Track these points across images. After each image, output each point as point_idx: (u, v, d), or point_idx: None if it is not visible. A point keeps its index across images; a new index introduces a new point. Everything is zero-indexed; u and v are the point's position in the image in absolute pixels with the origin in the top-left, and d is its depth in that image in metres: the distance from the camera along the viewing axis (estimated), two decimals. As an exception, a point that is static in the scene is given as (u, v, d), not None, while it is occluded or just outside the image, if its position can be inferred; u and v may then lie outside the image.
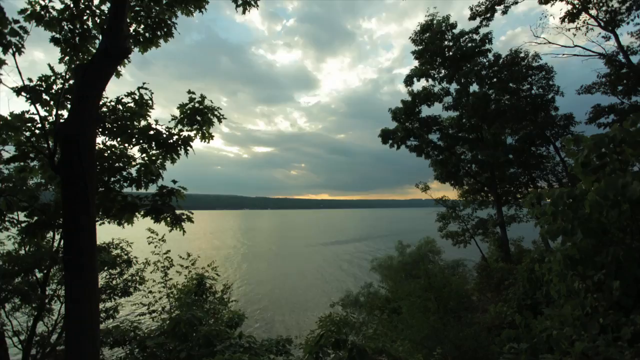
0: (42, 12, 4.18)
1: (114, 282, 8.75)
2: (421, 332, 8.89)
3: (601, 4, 14.07)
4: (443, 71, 18.70)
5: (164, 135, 5.09)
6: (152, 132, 5.07)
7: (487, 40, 17.72)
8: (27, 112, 4.42)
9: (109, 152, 5.04)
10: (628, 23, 14.01)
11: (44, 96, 4.50)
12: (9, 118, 4.29)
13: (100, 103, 4.30)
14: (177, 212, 4.91)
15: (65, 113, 4.39)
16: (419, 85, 19.10)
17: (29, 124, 4.45)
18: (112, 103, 5.03)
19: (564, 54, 15.88)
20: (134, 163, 5.10)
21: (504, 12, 16.10)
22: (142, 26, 4.74)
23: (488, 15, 16.19)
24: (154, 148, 5.13)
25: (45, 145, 4.12)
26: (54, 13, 4.23)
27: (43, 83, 4.47)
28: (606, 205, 3.28)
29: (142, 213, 4.78)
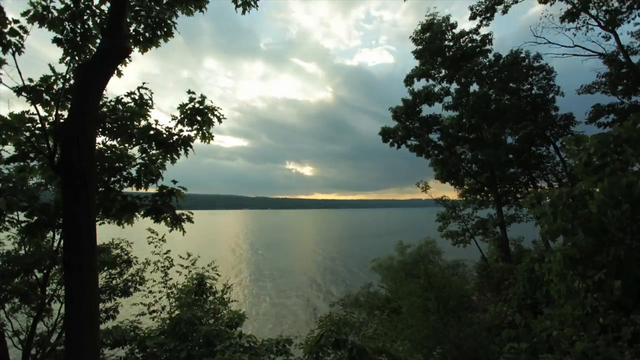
0: (45, 13, 4.18)
1: (114, 282, 8.74)
2: (421, 332, 8.88)
3: (601, 4, 14.06)
4: (443, 71, 18.71)
5: (164, 135, 5.08)
6: (152, 132, 5.07)
7: (487, 41, 17.74)
8: (27, 112, 4.42)
9: (109, 152, 5.04)
10: (628, 22, 14.02)
11: (44, 96, 4.50)
12: (9, 118, 4.29)
13: (100, 103, 4.31)
14: (177, 212, 4.91)
15: (65, 113, 4.38)
16: (419, 84, 19.15)
17: (29, 124, 4.45)
18: (112, 103, 5.03)
19: (563, 54, 15.89)
20: (134, 163, 5.10)
21: (504, 12, 16.10)
22: (142, 26, 4.73)
23: (488, 15, 16.20)
24: (154, 148, 5.13)
25: (45, 145, 4.11)
26: (55, 13, 4.23)
27: (43, 83, 4.47)
28: (610, 204, 3.28)
29: (142, 213, 4.78)
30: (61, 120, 3.94)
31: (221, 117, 5.35)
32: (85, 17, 4.33)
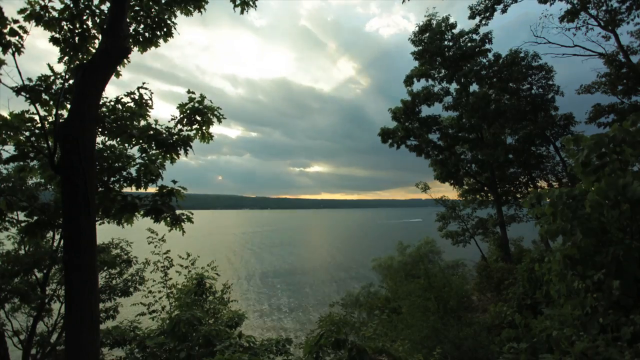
0: (42, 12, 4.17)
1: (114, 282, 8.75)
2: (421, 332, 8.89)
3: (600, 4, 14.06)
4: (443, 71, 18.71)
5: (164, 135, 5.08)
6: (151, 132, 5.06)
7: (487, 40, 17.74)
8: (27, 111, 4.42)
9: (108, 152, 5.04)
10: (628, 23, 14.02)
11: (44, 96, 4.50)
12: (8, 118, 4.29)
13: (100, 103, 4.31)
14: (177, 212, 4.91)
15: (65, 113, 4.38)
16: (419, 85, 19.15)
17: (29, 124, 4.45)
18: (112, 103, 5.03)
19: (563, 54, 15.89)
20: (133, 163, 5.10)
21: (504, 11, 16.08)
22: (142, 26, 4.73)
23: (487, 14, 16.18)
24: (154, 148, 5.13)
25: (45, 145, 4.11)
26: (54, 13, 4.22)
27: (42, 83, 4.47)
28: (606, 205, 3.28)
29: (142, 213, 4.77)
30: (61, 120, 3.94)
31: (221, 117, 5.34)
32: (84, 17, 4.33)
